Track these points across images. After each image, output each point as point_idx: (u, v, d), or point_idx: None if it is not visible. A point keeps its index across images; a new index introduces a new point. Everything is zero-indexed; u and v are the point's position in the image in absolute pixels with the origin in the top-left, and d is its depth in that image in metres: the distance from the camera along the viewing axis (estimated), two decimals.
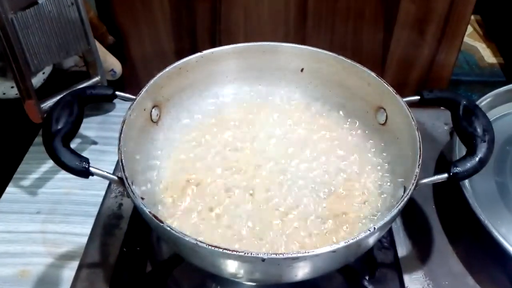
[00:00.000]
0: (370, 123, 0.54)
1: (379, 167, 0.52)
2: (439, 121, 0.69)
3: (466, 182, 0.55)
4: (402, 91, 0.50)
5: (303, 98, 0.59)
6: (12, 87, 0.62)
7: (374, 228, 0.38)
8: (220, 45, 0.55)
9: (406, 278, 0.51)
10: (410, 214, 0.57)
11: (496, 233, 0.49)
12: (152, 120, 0.52)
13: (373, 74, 0.52)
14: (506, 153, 0.60)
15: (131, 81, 0.76)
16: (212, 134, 0.55)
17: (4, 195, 0.62)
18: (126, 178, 0.42)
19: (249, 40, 0.56)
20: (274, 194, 0.49)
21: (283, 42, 0.56)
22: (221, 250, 0.36)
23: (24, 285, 0.52)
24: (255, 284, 0.48)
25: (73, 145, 0.43)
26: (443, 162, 0.63)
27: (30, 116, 0.58)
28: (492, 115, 0.63)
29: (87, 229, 0.56)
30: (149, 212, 0.39)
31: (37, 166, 0.65)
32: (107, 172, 0.43)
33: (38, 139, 0.69)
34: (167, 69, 0.52)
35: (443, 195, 0.59)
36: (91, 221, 0.56)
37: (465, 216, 0.54)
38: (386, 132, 0.52)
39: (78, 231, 0.57)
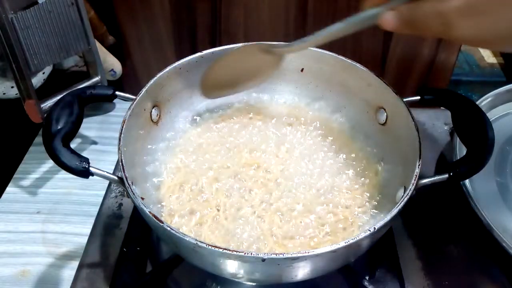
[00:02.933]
0: (370, 123, 0.54)
1: (379, 167, 0.52)
2: (439, 121, 0.69)
3: (467, 182, 0.55)
4: (402, 91, 0.50)
5: (303, 98, 0.59)
6: (12, 87, 0.62)
7: (374, 228, 0.38)
8: (220, 45, 0.55)
9: (406, 278, 0.51)
10: (410, 214, 0.57)
11: (496, 233, 0.49)
12: (152, 120, 0.52)
13: (373, 74, 0.52)
14: (507, 153, 0.60)
15: (131, 81, 0.76)
16: (212, 134, 0.55)
17: (4, 195, 0.62)
18: (126, 178, 0.42)
19: (249, 40, 0.56)
20: (274, 196, 0.49)
21: (283, 42, 0.56)
22: (221, 250, 0.36)
23: (24, 285, 0.52)
24: (255, 284, 0.48)
25: (73, 145, 0.43)
26: (443, 162, 0.63)
27: (30, 116, 0.58)
28: (492, 115, 0.63)
29: (87, 229, 0.56)
30: (149, 212, 0.39)
31: (37, 166, 0.66)
32: (107, 172, 0.43)
33: (38, 139, 0.69)
34: (167, 69, 0.52)
35: (443, 195, 0.59)
36: (91, 221, 0.56)
37: (465, 216, 0.54)
38: (386, 132, 0.52)
39: (78, 231, 0.58)
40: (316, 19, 0.69)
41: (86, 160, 0.42)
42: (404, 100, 0.49)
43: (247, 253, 0.36)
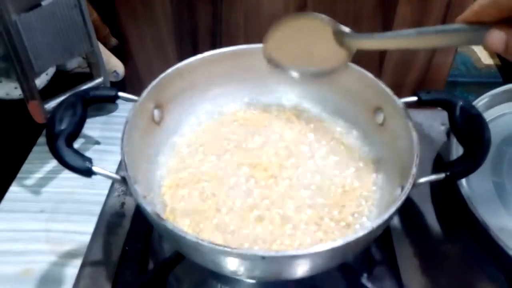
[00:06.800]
0: (368, 123, 0.54)
1: (376, 167, 0.52)
2: (436, 121, 0.70)
3: (464, 182, 0.55)
4: (399, 92, 0.50)
5: (302, 99, 0.59)
6: (16, 88, 0.62)
7: (373, 227, 0.39)
8: (221, 46, 0.56)
9: (404, 275, 0.51)
10: (408, 213, 0.58)
11: (492, 232, 0.50)
12: (154, 121, 0.52)
13: (370, 75, 0.52)
14: (503, 154, 0.61)
15: (134, 82, 0.77)
16: (214, 134, 0.56)
17: (7, 194, 0.62)
18: (129, 178, 0.42)
19: (250, 42, 0.57)
20: (274, 195, 0.49)
21: None
22: (221, 248, 0.37)
23: (27, 283, 0.53)
24: (255, 281, 0.49)
25: (76, 145, 0.44)
26: (440, 162, 0.64)
27: (34, 117, 0.59)
28: (488, 115, 0.64)
29: (90, 227, 0.56)
30: (151, 210, 0.40)
31: (40, 165, 0.66)
32: (110, 172, 0.43)
33: (42, 139, 0.70)
34: (168, 70, 0.53)
35: (440, 194, 0.60)
36: (94, 220, 0.57)
37: (462, 215, 0.55)
38: (383, 132, 0.53)
39: (81, 230, 0.58)
40: None
41: (89, 160, 0.42)
42: (402, 100, 0.49)
43: (247, 251, 0.37)
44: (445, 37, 0.37)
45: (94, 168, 0.42)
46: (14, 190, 0.63)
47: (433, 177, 0.44)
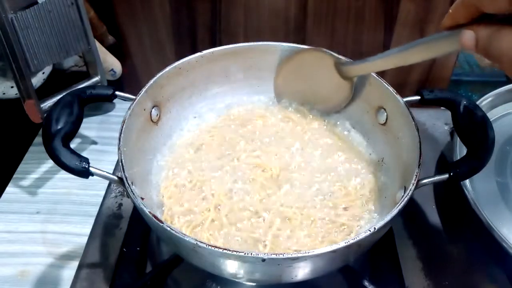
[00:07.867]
0: (371, 123, 0.54)
1: (379, 167, 0.52)
2: (440, 121, 0.69)
3: (467, 182, 0.55)
4: (402, 91, 0.50)
5: None
6: (12, 87, 0.62)
7: (375, 228, 0.38)
8: (220, 45, 0.55)
9: (406, 278, 0.51)
10: (411, 214, 0.57)
11: (497, 233, 0.49)
12: (152, 120, 0.52)
13: (373, 74, 0.52)
14: (507, 153, 0.61)
15: (131, 81, 0.76)
16: (212, 134, 0.55)
17: (3, 195, 0.62)
18: (126, 178, 0.42)
19: (249, 40, 0.56)
20: (274, 196, 0.49)
21: (283, 42, 0.56)
22: (221, 250, 0.36)
23: (23, 285, 0.52)
24: (255, 284, 0.48)
25: (73, 145, 0.43)
26: (443, 162, 0.63)
27: (30, 116, 0.58)
28: (492, 115, 0.64)
29: (87, 229, 0.56)
30: (149, 212, 0.39)
31: (37, 166, 0.65)
32: (107, 172, 0.43)
33: (38, 139, 0.69)
34: (167, 69, 0.52)
35: (443, 195, 0.59)
36: (91, 221, 0.56)
37: (466, 216, 0.54)
38: (386, 132, 0.52)
39: (78, 231, 0.57)
40: (316, 19, 0.69)
41: (86, 160, 0.42)
42: (404, 100, 0.49)
43: (247, 253, 0.36)
44: (430, 47, 0.38)
45: (91, 169, 0.42)
46: (10, 191, 0.63)
47: (436, 178, 0.44)
